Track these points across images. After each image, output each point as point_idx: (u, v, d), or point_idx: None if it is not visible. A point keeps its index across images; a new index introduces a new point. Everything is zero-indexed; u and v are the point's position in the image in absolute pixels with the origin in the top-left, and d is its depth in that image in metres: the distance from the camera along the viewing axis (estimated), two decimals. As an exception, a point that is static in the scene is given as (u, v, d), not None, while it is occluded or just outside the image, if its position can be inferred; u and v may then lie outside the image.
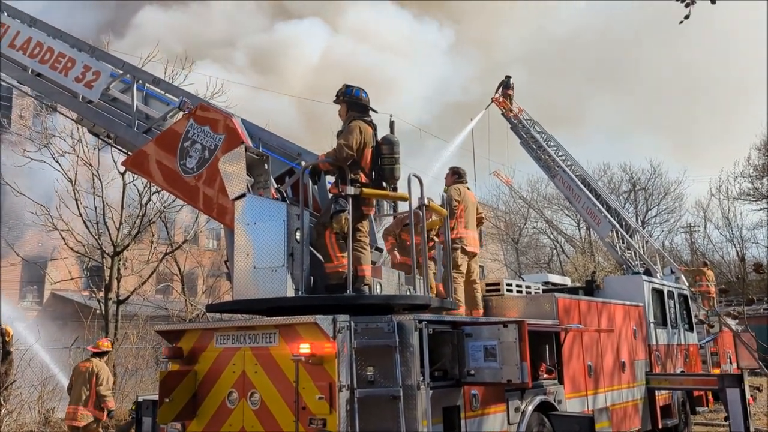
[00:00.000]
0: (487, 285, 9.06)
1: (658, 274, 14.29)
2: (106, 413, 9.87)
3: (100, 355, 10.09)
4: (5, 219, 26.66)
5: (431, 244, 7.14)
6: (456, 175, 8.44)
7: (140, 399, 7.09)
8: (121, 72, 7.51)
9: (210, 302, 17.12)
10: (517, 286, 9.31)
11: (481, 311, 8.40)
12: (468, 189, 8.51)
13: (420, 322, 5.65)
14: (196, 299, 19.58)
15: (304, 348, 5.35)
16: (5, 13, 8.11)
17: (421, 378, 5.52)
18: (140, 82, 7.47)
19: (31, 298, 27.75)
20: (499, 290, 8.92)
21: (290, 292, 5.86)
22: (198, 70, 17.09)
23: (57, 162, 15.50)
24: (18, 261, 23.60)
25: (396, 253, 7.84)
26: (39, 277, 25.82)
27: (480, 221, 8.70)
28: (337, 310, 5.61)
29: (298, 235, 6.01)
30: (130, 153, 7.42)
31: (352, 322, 5.49)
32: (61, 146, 15.51)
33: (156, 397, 6.42)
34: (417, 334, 5.58)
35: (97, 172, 15.49)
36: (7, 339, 12.34)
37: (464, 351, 6.07)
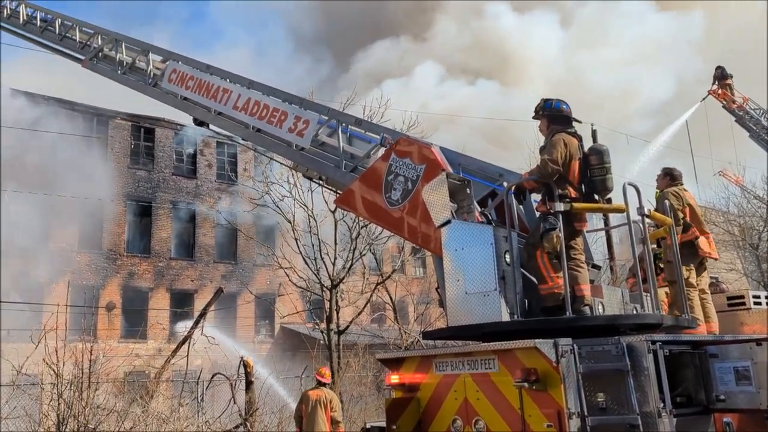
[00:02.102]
0: (729, 299, 8.03)
1: None
2: None
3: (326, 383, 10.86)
4: (240, 261, 30.12)
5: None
6: (669, 177, 7.55)
7: (368, 426, 7.35)
8: (326, 118, 8.10)
9: (422, 329, 17.50)
10: (766, 297, 8.11)
11: (715, 325, 7.41)
12: (686, 191, 7.59)
13: (653, 343, 5.14)
14: (408, 326, 20.17)
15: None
16: (228, 80, 9.21)
17: (662, 404, 5.00)
18: (344, 124, 7.99)
19: (265, 332, 30.68)
20: (744, 303, 7.85)
21: (505, 317, 5.72)
22: (398, 104, 17.83)
23: (277, 206, 17.18)
24: (252, 299, 26.45)
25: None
26: (270, 312, 28.57)
27: None
28: (555, 334, 5.33)
29: (507, 258, 5.86)
30: (339, 192, 7.91)
31: (575, 345, 5.17)
32: (280, 192, 17.15)
33: (383, 424, 6.59)
34: (651, 357, 5.09)
35: (312, 212, 16.84)
36: (248, 370, 13.80)
37: (710, 374, 5.42)
